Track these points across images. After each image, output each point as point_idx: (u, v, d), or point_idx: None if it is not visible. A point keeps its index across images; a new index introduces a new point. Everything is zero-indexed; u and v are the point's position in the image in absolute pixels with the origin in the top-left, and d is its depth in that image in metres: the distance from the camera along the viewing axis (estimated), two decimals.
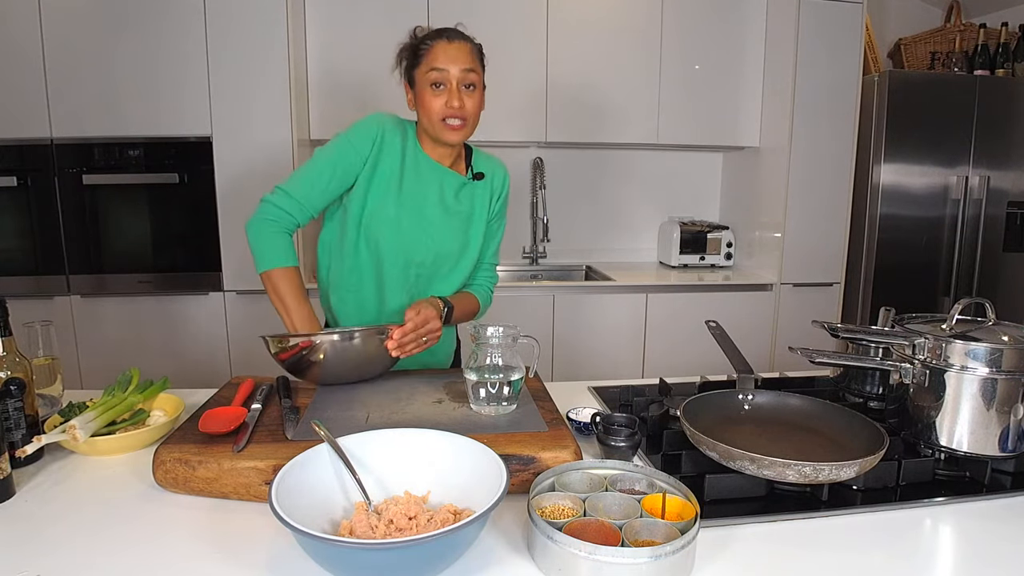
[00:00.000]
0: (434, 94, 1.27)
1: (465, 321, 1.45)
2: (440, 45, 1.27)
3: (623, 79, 2.87)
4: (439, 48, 1.27)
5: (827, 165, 2.83)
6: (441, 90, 1.27)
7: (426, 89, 1.28)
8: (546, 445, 0.95)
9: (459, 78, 1.27)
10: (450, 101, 1.26)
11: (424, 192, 1.36)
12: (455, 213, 1.40)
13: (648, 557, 0.69)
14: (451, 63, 1.26)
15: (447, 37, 1.29)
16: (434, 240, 1.38)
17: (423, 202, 1.36)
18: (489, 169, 1.45)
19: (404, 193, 1.34)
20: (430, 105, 1.27)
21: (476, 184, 1.43)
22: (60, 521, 0.85)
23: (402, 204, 1.34)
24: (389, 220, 1.33)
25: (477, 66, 1.30)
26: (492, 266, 1.54)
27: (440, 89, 1.27)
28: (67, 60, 2.37)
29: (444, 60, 1.26)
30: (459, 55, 1.27)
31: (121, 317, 2.53)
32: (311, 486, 0.79)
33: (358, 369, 1.19)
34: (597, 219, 3.34)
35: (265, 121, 2.48)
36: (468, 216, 1.42)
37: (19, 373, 1.02)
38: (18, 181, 2.41)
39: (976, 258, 2.92)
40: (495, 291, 1.56)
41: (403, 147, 1.35)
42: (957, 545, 0.85)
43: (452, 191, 1.39)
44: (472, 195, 1.42)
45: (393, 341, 1.16)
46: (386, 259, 1.36)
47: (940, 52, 3.11)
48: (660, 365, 2.80)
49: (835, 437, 1.02)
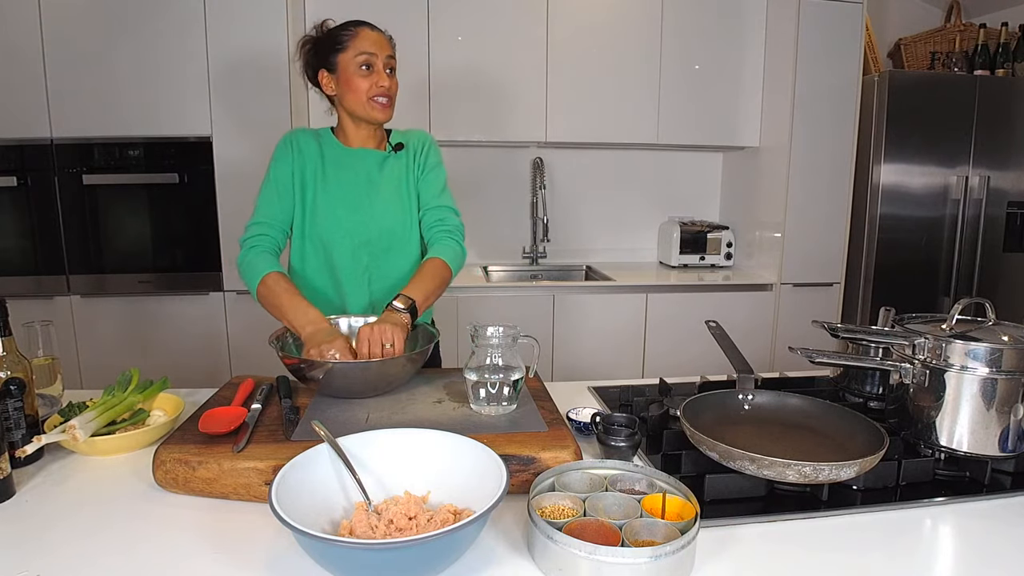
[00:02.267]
0: (363, 75, 1.37)
1: (443, 288, 1.38)
2: (365, 31, 1.39)
3: (623, 79, 2.87)
4: (365, 34, 1.38)
5: (827, 165, 2.83)
6: (369, 72, 1.37)
7: (355, 72, 1.37)
8: (546, 445, 0.95)
9: (385, 62, 1.39)
10: (380, 81, 1.37)
11: (348, 178, 1.44)
12: (384, 185, 1.45)
13: (648, 557, 0.69)
14: (378, 48, 1.38)
15: (369, 26, 1.40)
16: (373, 217, 1.43)
17: (350, 187, 1.43)
18: (406, 138, 1.51)
19: (330, 185, 1.43)
20: (359, 86, 1.37)
21: (399, 155, 1.48)
22: (60, 521, 0.85)
23: (332, 196, 1.42)
24: (326, 213, 1.42)
25: (394, 53, 1.43)
26: (442, 209, 1.47)
27: (368, 71, 1.37)
28: (67, 60, 2.37)
29: (372, 45, 1.37)
30: (382, 42, 1.40)
31: (121, 317, 2.53)
32: (311, 486, 0.79)
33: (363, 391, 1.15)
34: (597, 219, 3.33)
35: (265, 121, 2.48)
36: (398, 184, 1.47)
37: (19, 373, 1.02)
38: (18, 181, 2.41)
39: (976, 258, 2.92)
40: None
41: (319, 147, 1.45)
42: (957, 545, 0.85)
43: (376, 167, 1.46)
44: (396, 165, 1.48)
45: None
46: (334, 250, 1.43)
47: (940, 52, 3.11)
48: (660, 365, 2.80)
49: (835, 437, 1.02)
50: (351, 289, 1.46)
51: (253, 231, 1.39)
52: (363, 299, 1.47)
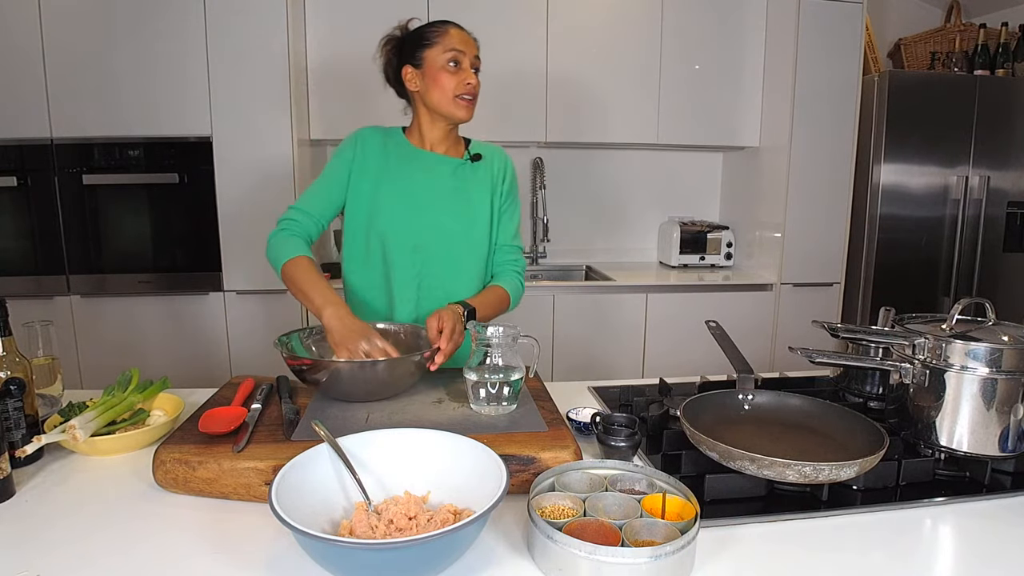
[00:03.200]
0: (450, 72, 1.35)
1: (498, 314, 1.43)
2: (454, 29, 1.38)
3: (623, 79, 2.87)
4: (455, 32, 1.37)
5: (827, 165, 2.83)
6: (456, 68, 1.36)
7: (442, 68, 1.35)
8: (546, 445, 0.95)
9: (472, 61, 1.38)
10: (467, 79, 1.36)
11: (416, 177, 1.42)
12: (453, 192, 1.43)
13: (648, 557, 0.69)
14: (466, 46, 1.37)
15: (457, 26, 1.39)
16: (434, 221, 1.41)
17: (416, 186, 1.41)
18: (487, 152, 1.50)
19: (395, 180, 1.41)
20: (446, 83, 1.36)
21: (475, 165, 1.47)
22: (60, 521, 0.85)
23: (396, 191, 1.40)
24: (387, 209, 1.40)
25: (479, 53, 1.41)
26: (514, 248, 1.52)
27: (456, 67, 1.35)
28: (67, 60, 2.37)
29: (461, 43, 1.36)
30: (470, 41, 1.39)
31: (121, 317, 2.53)
32: (311, 486, 0.79)
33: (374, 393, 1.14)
34: (597, 219, 3.34)
35: (265, 121, 2.48)
36: (468, 194, 1.44)
37: (19, 373, 1.02)
38: (18, 181, 2.41)
39: (976, 258, 2.92)
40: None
41: (384, 143, 1.44)
42: (957, 545, 0.85)
43: (448, 172, 1.44)
44: (470, 175, 1.46)
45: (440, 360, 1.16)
46: (391, 246, 1.40)
47: (940, 52, 3.11)
48: (660, 365, 2.80)
49: (835, 437, 1.02)
50: (400, 292, 1.42)
51: (290, 215, 1.39)
52: (410, 306, 1.43)
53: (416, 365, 1.13)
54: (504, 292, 1.44)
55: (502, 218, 1.50)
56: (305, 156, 2.63)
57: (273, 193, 2.46)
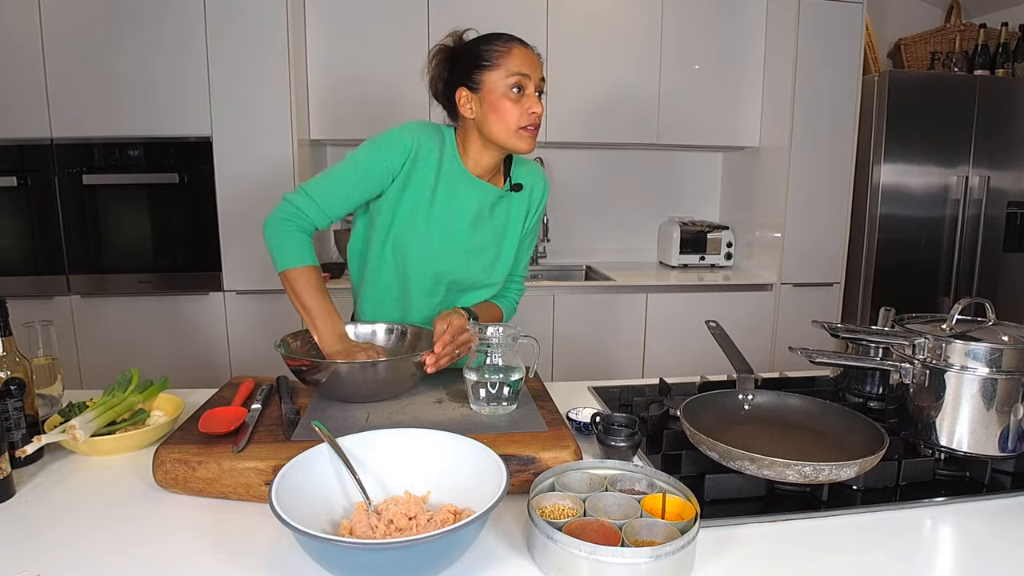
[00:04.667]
0: (513, 100, 1.20)
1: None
2: (520, 49, 1.21)
3: (623, 79, 2.87)
4: (520, 52, 1.20)
5: (827, 165, 2.83)
6: (520, 95, 1.20)
7: (504, 95, 1.20)
8: (546, 445, 0.95)
9: (537, 84, 1.22)
10: (532, 107, 1.20)
11: (458, 209, 1.29)
12: (489, 228, 1.34)
13: (648, 557, 0.69)
14: (532, 68, 1.21)
15: (522, 43, 1.22)
16: (465, 258, 1.32)
17: (456, 219, 1.29)
18: (529, 180, 1.38)
19: (436, 210, 1.27)
20: (509, 113, 1.20)
21: (513, 196, 1.36)
22: (60, 521, 0.85)
23: (433, 221, 1.28)
24: (419, 236, 1.28)
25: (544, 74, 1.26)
26: (521, 278, 1.50)
27: (519, 94, 1.20)
28: (67, 60, 2.37)
29: (526, 65, 1.20)
30: (536, 62, 1.22)
31: (121, 317, 2.53)
32: (311, 486, 0.79)
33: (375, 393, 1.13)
34: (597, 219, 3.34)
35: (265, 121, 2.48)
36: (502, 230, 1.36)
37: (19, 373, 1.02)
38: (18, 181, 2.41)
39: (976, 258, 2.92)
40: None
41: (439, 161, 1.27)
42: (957, 545, 0.85)
43: (488, 205, 1.32)
44: (508, 208, 1.36)
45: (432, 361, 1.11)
46: (414, 274, 1.31)
47: (940, 52, 3.11)
48: (660, 365, 2.80)
49: (835, 437, 1.02)
50: (416, 310, 1.35)
51: (300, 203, 1.22)
52: (423, 316, 1.36)
53: (416, 366, 1.13)
54: (499, 312, 1.41)
55: (521, 246, 1.42)
56: (305, 156, 2.63)
57: (273, 193, 2.43)
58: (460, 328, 1.16)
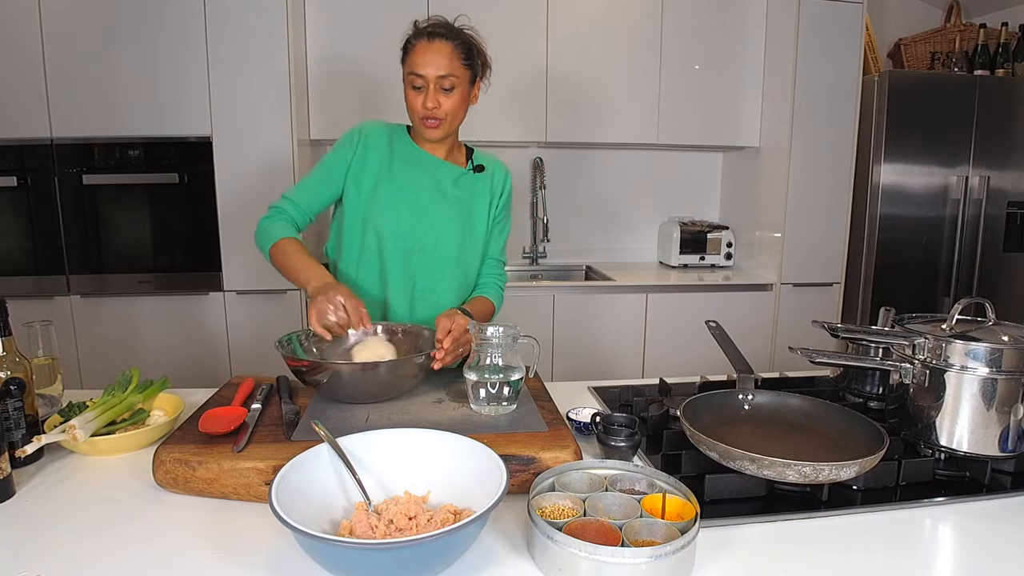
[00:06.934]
0: (414, 94, 1.33)
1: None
2: (421, 46, 1.31)
3: (623, 79, 2.87)
4: (419, 50, 1.31)
5: (827, 165, 2.83)
6: (420, 90, 1.32)
7: (408, 89, 1.34)
8: (546, 445, 0.95)
9: (436, 83, 1.31)
10: (425, 101, 1.31)
11: (418, 179, 1.40)
12: (454, 199, 1.43)
13: (648, 557, 0.69)
14: (427, 67, 1.30)
15: (428, 36, 1.31)
16: (433, 225, 1.40)
17: (417, 189, 1.40)
18: (490, 164, 1.49)
19: (396, 180, 1.39)
20: (411, 103, 1.34)
21: (476, 176, 1.46)
22: (60, 521, 0.85)
23: (396, 191, 1.39)
24: (386, 205, 1.39)
25: (457, 68, 1.31)
26: (499, 263, 1.56)
27: (419, 89, 1.32)
28: (67, 60, 2.37)
29: (421, 64, 1.30)
30: (437, 58, 1.29)
31: (121, 317, 2.53)
32: (311, 486, 0.79)
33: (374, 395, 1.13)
34: (597, 219, 3.34)
35: (265, 121, 2.48)
36: (468, 204, 1.45)
37: (19, 373, 1.02)
38: (18, 181, 2.41)
39: (976, 258, 2.92)
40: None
41: (389, 142, 1.41)
42: (957, 545, 0.85)
43: (450, 180, 1.43)
44: (472, 185, 1.46)
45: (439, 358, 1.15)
46: (387, 245, 1.39)
47: (940, 52, 3.11)
48: (660, 365, 2.80)
49: (835, 437, 1.02)
50: (395, 294, 1.42)
51: (281, 204, 1.40)
52: (404, 308, 1.43)
53: (418, 367, 1.13)
54: (492, 305, 1.49)
55: (494, 231, 1.52)
56: (305, 156, 2.63)
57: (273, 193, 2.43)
58: (463, 327, 1.20)
